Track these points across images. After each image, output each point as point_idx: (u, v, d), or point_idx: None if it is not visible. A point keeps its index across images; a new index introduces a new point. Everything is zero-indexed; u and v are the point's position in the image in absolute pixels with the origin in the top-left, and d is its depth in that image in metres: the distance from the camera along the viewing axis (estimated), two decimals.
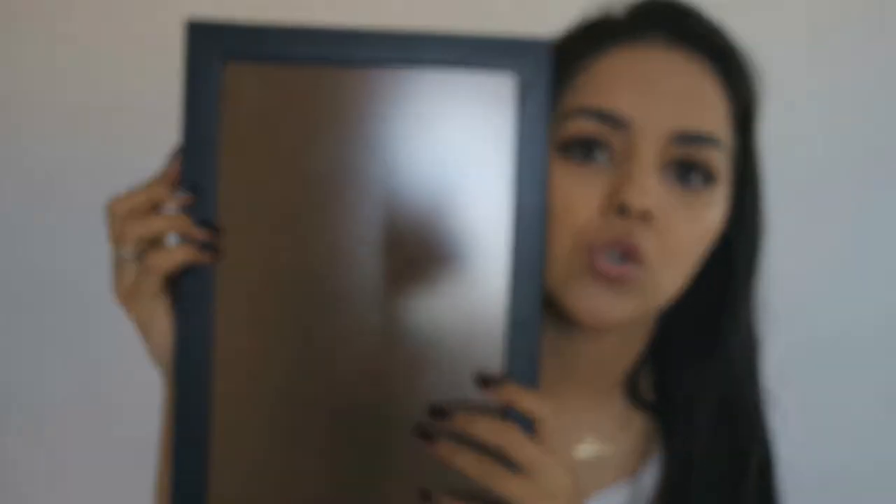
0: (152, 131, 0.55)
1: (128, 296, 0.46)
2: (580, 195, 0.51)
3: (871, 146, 1.07)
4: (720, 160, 0.52)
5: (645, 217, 0.49)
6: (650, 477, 0.60)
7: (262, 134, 0.46)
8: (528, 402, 0.46)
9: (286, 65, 0.46)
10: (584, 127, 0.51)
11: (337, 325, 0.47)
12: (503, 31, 0.46)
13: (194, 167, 0.45)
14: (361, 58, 0.45)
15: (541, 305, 0.47)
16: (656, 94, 0.51)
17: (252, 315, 0.47)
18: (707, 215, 0.53)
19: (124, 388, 1.01)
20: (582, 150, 0.51)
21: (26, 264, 1.08)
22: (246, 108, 0.46)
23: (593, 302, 0.51)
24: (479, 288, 0.47)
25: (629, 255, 0.50)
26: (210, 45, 0.45)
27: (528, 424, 0.45)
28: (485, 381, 0.47)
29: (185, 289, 0.46)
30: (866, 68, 1.06)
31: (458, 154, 0.46)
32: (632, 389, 0.61)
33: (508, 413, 0.46)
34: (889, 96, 1.06)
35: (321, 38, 0.45)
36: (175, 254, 0.45)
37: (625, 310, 0.51)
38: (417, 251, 0.46)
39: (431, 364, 0.47)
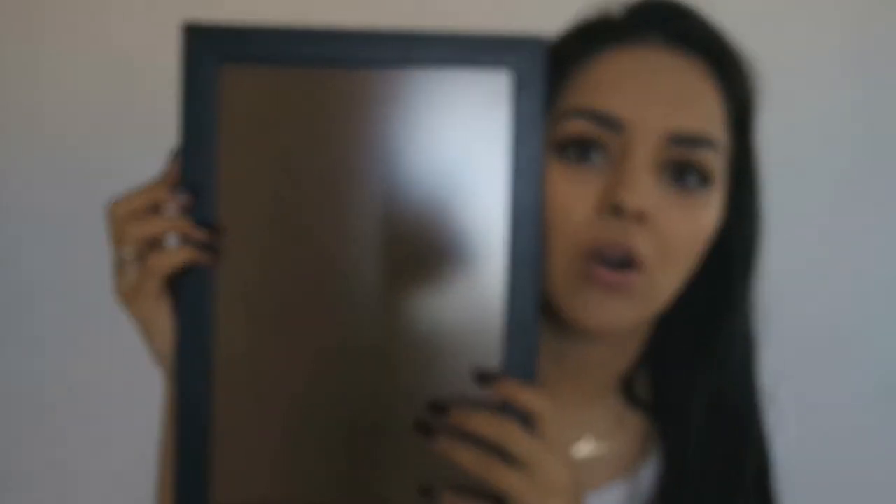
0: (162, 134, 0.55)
1: (129, 296, 0.47)
2: (576, 196, 0.51)
3: (869, 146, 1.07)
4: (716, 161, 0.52)
5: (639, 217, 0.50)
6: (648, 476, 0.60)
7: (260, 135, 0.46)
8: (525, 397, 0.45)
9: (282, 66, 0.46)
10: (580, 128, 0.51)
11: (336, 324, 0.47)
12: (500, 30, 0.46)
13: (193, 168, 0.46)
14: (356, 58, 0.46)
15: (538, 302, 0.47)
16: (652, 95, 0.51)
17: (252, 314, 0.47)
18: (703, 216, 0.53)
19: (124, 387, 1.02)
20: (578, 151, 0.52)
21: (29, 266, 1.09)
22: (244, 109, 0.46)
23: (596, 309, 0.51)
24: (478, 285, 0.47)
25: (628, 261, 0.50)
26: (207, 48, 0.46)
27: (526, 420, 0.46)
28: (482, 378, 0.47)
29: (185, 289, 0.47)
30: (862, 71, 1.06)
31: (456, 152, 0.47)
32: (628, 390, 0.61)
33: (507, 409, 0.46)
34: (885, 99, 1.06)
35: (316, 40, 0.46)
36: (176, 255, 0.46)
37: (627, 315, 0.51)
38: (416, 249, 0.47)
39: (431, 361, 0.47)
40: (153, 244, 0.46)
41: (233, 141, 0.46)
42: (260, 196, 0.47)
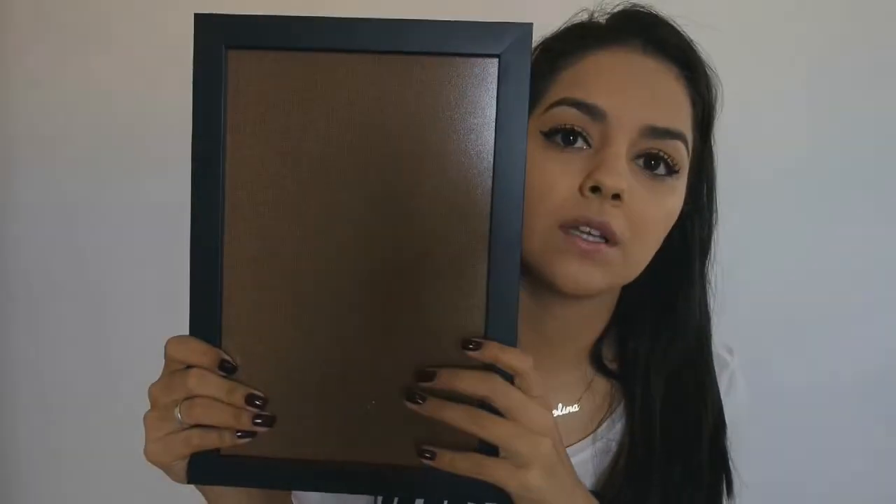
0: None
1: (159, 451, 0.50)
2: (560, 176, 0.57)
3: (864, 147, 1.12)
4: (683, 154, 0.59)
5: (616, 197, 0.55)
6: (609, 436, 0.66)
7: (266, 115, 0.49)
8: (509, 357, 0.49)
9: (284, 51, 0.49)
10: (566, 116, 0.57)
11: (333, 309, 0.50)
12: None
13: (204, 146, 0.49)
14: (352, 45, 0.48)
15: (518, 273, 0.50)
16: (631, 92, 0.57)
17: (258, 285, 0.50)
18: (669, 201, 0.59)
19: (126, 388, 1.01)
20: (564, 137, 0.57)
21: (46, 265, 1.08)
22: (251, 90, 0.49)
23: (572, 272, 0.56)
24: (463, 261, 0.50)
25: (603, 235, 0.56)
26: (214, 35, 0.48)
27: (509, 379, 0.49)
28: (469, 344, 0.49)
29: (196, 266, 0.49)
30: (846, 73, 1.11)
31: (444, 132, 0.49)
32: (596, 357, 0.67)
33: (491, 370, 0.49)
34: (858, 99, 1.11)
35: (315, 28, 0.48)
36: (220, 440, 0.49)
37: (600, 279, 0.57)
38: (407, 226, 0.50)
39: (418, 328, 0.50)
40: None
41: (241, 120, 0.49)
42: (265, 172, 0.49)
